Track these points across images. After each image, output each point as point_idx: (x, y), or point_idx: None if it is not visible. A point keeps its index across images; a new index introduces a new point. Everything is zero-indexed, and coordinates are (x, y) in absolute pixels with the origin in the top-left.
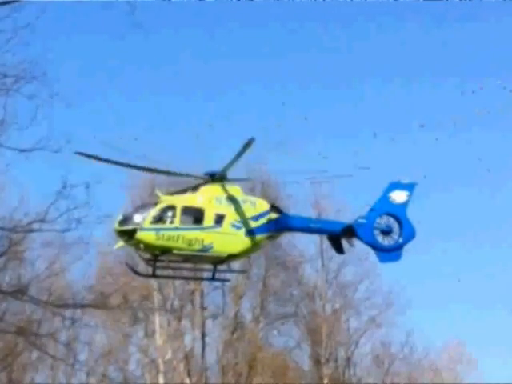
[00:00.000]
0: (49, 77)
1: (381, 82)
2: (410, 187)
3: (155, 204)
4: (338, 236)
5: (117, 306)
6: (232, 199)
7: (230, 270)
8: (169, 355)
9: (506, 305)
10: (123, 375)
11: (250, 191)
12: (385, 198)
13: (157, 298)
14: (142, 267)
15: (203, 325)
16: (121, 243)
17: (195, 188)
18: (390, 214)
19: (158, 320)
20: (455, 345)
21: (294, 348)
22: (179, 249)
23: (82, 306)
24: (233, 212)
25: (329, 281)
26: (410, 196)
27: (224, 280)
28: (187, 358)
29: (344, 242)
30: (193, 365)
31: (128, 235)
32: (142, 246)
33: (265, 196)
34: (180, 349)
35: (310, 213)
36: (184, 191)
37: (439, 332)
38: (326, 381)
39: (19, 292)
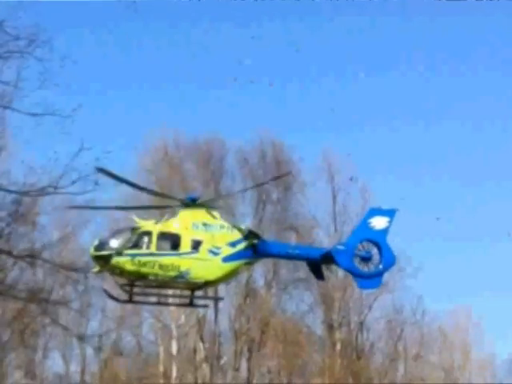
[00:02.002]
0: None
1: None
2: (390, 213)
3: (132, 229)
4: (318, 262)
5: None
6: (209, 225)
7: (207, 297)
8: (182, 320)
9: None
10: (136, 340)
11: (262, 156)
12: (365, 224)
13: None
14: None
15: (216, 290)
16: (97, 268)
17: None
18: (369, 241)
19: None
20: (462, 308)
21: (307, 313)
22: (155, 275)
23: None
24: (210, 238)
25: None
26: (390, 222)
27: (203, 306)
28: (200, 323)
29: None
30: (205, 330)
31: (104, 260)
32: (117, 271)
33: (277, 160)
34: (193, 314)
35: (322, 176)
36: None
37: (449, 296)
38: (338, 345)
39: (31, 257)
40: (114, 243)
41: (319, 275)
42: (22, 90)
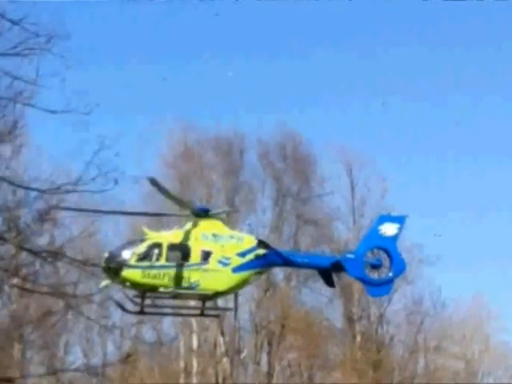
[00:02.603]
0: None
1: None
2: (399, 220)
3: (141, 241)
4: (328, 271)
5: None
6: (219, 235)
7: (217, 308)
8: (208, 304)
9: None
10: (157, 335)
11: (281, 149)
12: (374, 231)
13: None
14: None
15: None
16: (107, 281)
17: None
18: (379, 248)
19: None
20: (481, 298)
21: (326, 306)
22: (165, 286)
23: None
24: (219, 248)
25: (360, 238)
26: (400, 229)
27: (214, 315)
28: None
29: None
30: (226, 324)
31: (114, 273)
32: (127, 283)
33: (296, 153)
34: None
35: (341, 171)
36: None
37: (468, 286)
38: (358, 338)
39: (54, 253)
40: (124, 255)
41: (330, 282)
42: (41, 86)
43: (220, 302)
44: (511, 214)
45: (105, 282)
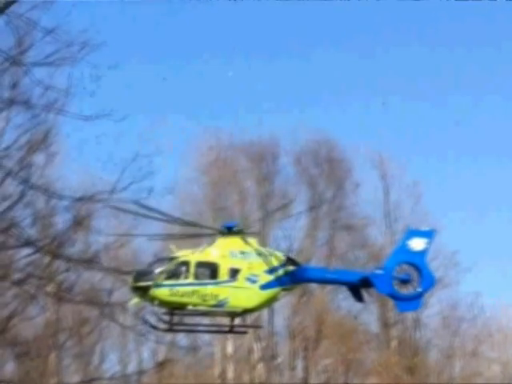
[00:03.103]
0: (110, 45)
1: None
2: (429, 234)
3: (170, 259)
4: (357, 287)
5: None
6: (246, 253)
7: (245, 325)
8: (237, 321)
9: None
10: (191, 342)
11: (315, 155)
12: (403, 246)
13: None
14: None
15: None
16: (136, 300)
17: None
18: (408, 263)
19: None
20: None
21: (362, 311)
22: (194, 304)
23: None
24: (248, 266)
25: (394, 242)
26: (429, 243)
27: (242, 332)
28: (256, 323)
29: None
30: (261, 330)
31: (143, 291)
32: (156, 302)
33: (330, 159)
34: (248, 314)
35: (374, 174)
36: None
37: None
38: (394, 343)
39: (88, 261)
40: (152, 274)
41: (359, 298)
42: (74, 94)
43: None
44: None
45: (133, 301)
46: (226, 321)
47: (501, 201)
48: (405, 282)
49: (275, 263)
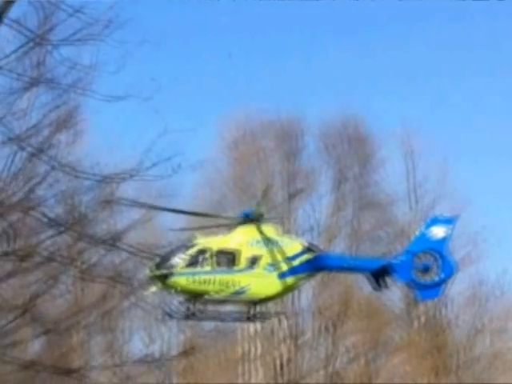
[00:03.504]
0: (137, 22)
1: None
2: (450, 221)
3: (189, 246)
4: (377, 274)
5: None
6: (267, 240)
7: (268, 313)
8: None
9: None
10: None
11: (341, 131)
12: (424, 233)
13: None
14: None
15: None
16: (155, 287)
17: (230, 229)
18: (429, 250)
19: None
20: None
21: (388, 287)
22: (213, 292)
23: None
24: (268, 253)
25: (421, 219)
26: (450, 230)
27: (263, 318)
28: (281, 301)
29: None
30: (286, 308)
31: (162, 279)
32: (176, 289)
33: (356, 135)
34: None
35: (400, 151)
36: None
37: None
38: (420, 321)
39: (112, 241)
40: (172, 262)
41: (378, 285)
42: (100, 73)
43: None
44: None
45: (152, 289)
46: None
47: None
48: (425, 269)
49: (295, 251)
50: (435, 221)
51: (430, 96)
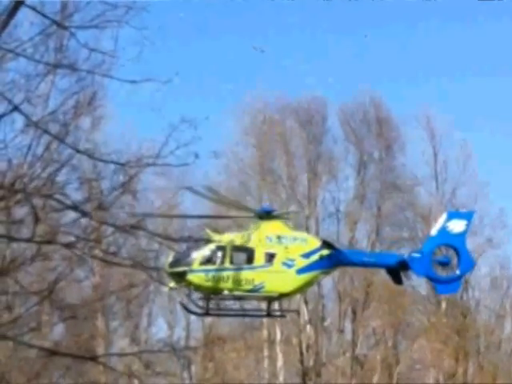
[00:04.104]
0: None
1: None
2: (467, 216)
3: (205, 244)
4: (395, 269)
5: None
6: (282, 237)
7: (282, 310)
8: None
9: None
10: (240, 305)
11: (363, 115)
12: (442, 228)
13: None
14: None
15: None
16: (172, 284)
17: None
18: (447, 245)
19: None
20: None
21: (411, 272)
22: (230, 289)
23: (197, 240)
24: (283, 250)
25: (444, 203)
26: (468, 225)
27: (281, 316)
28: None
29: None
30: (309, 292)
31: (179, 276)
32: (192, 286)
33: (378, 119)
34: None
35: (423, 134)
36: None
37: None
38: (443, 304)
39: (135, 227)
40: (188, 259)
41: (397, 280)
42: (119, 58)
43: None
44: None
45: (170, 285)
46: (263, 305)
47: None
48: (443, 264)
49: (311, 247)
50: (453, 215)
51: (454, 78)
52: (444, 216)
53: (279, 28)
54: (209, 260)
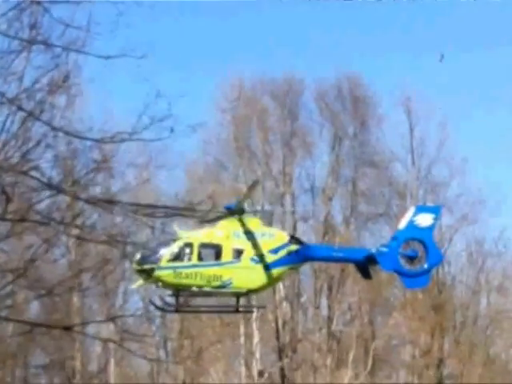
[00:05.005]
0: None
1: None
2: (435, 210)
3: (173, 241)
4: (363, 264)
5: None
6: (250, 233)
7: (250, 306)
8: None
9: None
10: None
11: (338, 91)
12: (410, 222)
13: (247, 202)
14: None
15: (294, 228)
16: (140, 282)
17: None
18: (415, 239)
19: None
20: None
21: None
22: (198, 286)
23: (171, 215)
24: (251, 246)
25: (420, 179)
26: (435, 219)
27: (248, 311)
28: None
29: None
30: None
31: (147, 274)
32: (160, 283)
33: (354, 95)
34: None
35: (399, 110)
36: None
37: None
38: None
39: (109, 202)
40: (156, 256)
41: (366, 275)
42: (94, 33)
43: None
44: None
45: (138, 283)
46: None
47: None
48: (411, 258)
49: (279, 243)
50: (421, 209)
51: (431, 56)
52: (412, 210)
53: (256, 6)
54: (176, 257)
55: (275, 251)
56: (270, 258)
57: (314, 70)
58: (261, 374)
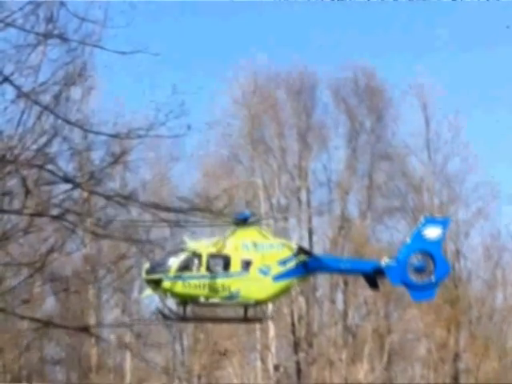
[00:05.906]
0: None
1: None
2: (443, 223)
3: (182, 251)
4: (371, 276)
5: (223, 208)
6: (259, 244)
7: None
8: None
9: None
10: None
11: (354, 85)
12: (418, 234)
13: (262, 197)
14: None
15: (310, 222)
16: (148, 292)
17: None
18: (423, 252)
19: None
20: None
21: (402, 242)
22: (206, 296)
23: (188, 210)
24: (260, 257)
25: (435, 173)
26: (444, 232)
27: (257, 320)
28: None
29: None
30: None
31: (155, 284)
32: (169, 293)
33: (370, 89)
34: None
35: (415, 104)
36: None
37: None
38: None
39: (126, 197)
40: (165, 266)
41: (374, 286)
42: (109, 28)
43: None
44: None
45: (146, 292)
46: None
47: None
48: (419, 270)
49: (287, 254)
50: (429, 221)
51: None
52: (421, 221)
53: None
54: (185, 267)
55: (283, 263)
56: (278, 270)
57: (330, 63)
58: (276, 368)
